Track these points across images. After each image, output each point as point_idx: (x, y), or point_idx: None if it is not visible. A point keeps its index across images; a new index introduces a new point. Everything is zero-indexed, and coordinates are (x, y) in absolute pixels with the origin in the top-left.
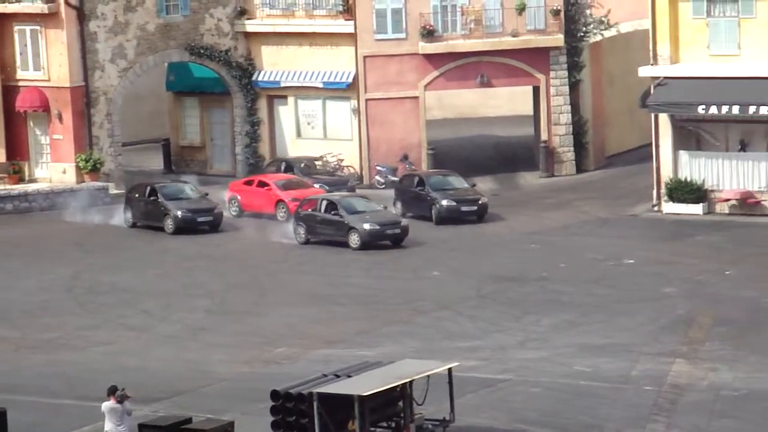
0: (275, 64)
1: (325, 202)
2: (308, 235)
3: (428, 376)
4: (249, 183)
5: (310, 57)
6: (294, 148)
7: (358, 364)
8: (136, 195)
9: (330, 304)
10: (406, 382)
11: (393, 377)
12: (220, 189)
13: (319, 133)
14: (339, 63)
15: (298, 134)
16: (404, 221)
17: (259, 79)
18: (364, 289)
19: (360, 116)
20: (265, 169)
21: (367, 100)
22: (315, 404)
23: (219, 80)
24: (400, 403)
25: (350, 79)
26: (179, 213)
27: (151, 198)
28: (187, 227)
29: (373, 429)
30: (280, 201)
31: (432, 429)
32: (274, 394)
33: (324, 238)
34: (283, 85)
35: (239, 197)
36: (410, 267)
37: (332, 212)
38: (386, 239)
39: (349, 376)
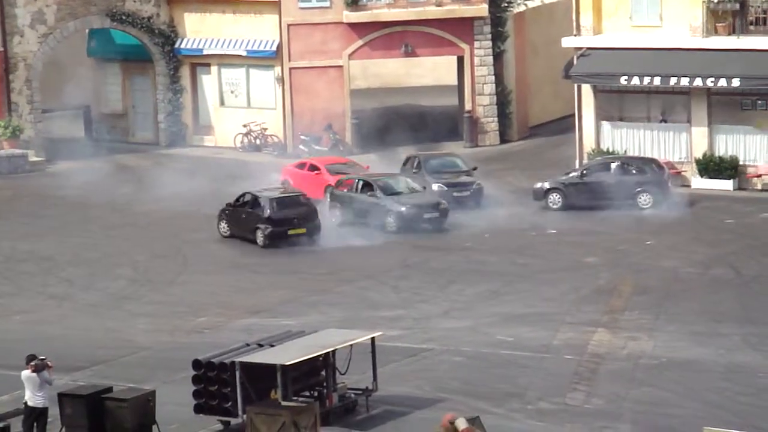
0: (198, 31)
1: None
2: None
3: (351, 345)
4: (300, 166)
5: (234, 25)
6: (217, 117)
7: (281, 333)
8: (344, 189)
9: (253, 274)
10: (328, 352)
11: (316, 347)
12: (142, 157)
13: (243, 102)
14: (263, 31)
15: (222, 102)
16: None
17: (182, 46)
18: (288, 258)
19: (284, 85)
20: (404, 166)
21: (291, 68)
22: (237, 373)
23: (141, 47)
24: (323, 373)
25: (274, 48)
26: (403, 209)
27: (368, 193)
28: (409, 225)
29: (295, 398)
30: (329, 186)
31: (355, 398)
32: (196, 364)
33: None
34: (206, 52)
35: (291, 181)
36: (335, 237)
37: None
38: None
39: (272, 346)
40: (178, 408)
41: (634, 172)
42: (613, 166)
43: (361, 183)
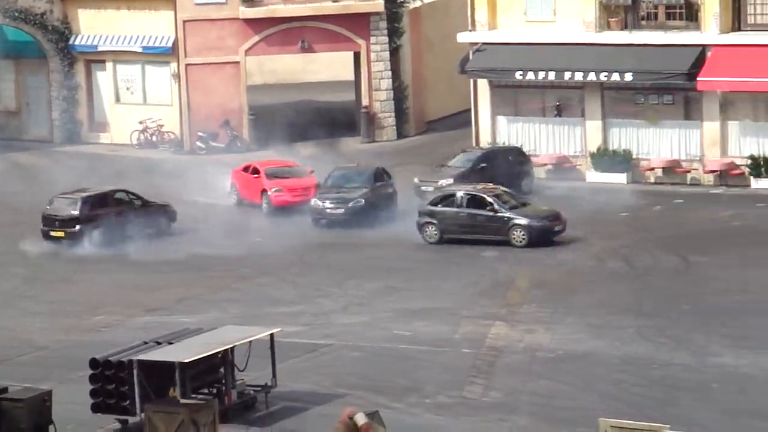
0: (93, 27)
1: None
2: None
3: (250, 342)
4: (246, 169)
5: (129, 21)
6: (113, 114)
7: (179, 331)
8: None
9: (150, 272)
10: (227, 349)
11: (214, 344)
12: (36, 155)
13: (139, 99)
14: (158, 27)
15: (117, 99)
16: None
17: (76, 43)
18: (185, 255)
19: (180, 81)
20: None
21: (187, 65)
22: (135, 372)
23: (35, 44)
24: (222, 370)
25: (170, 44)
26: (534, 222)
27: (487, 208)
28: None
29: (194, 396)
30: (264, 191)
31: (254, 395)
32: (93, 362)
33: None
34: (100, 49)
35: (237, 185)
36: (232, 233)
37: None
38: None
39: (170, 344)
40: (76, 407)
41: (512, 159)
42: (500, 155)
43: (467, 197)
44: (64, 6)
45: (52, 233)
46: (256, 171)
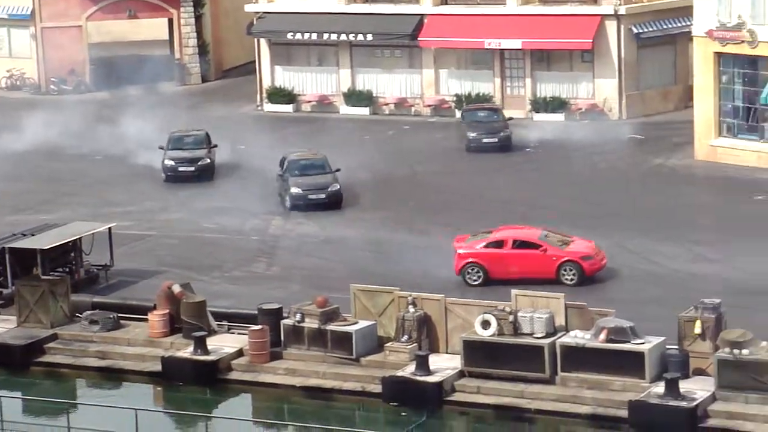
0: None
1: None
2: None
3: (93, 233)
4: (498, 245)
5: None
6: None
7: (40, 225)
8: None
9: (16, 182)
10: (77, 238)
11: (67, 234)
12: None
13: (6, 53)
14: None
15: None
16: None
17: None
18: (47, 170)
19: (37, 40)
20: (280, 167)
21: (42, 28)
22: (7, 257)
23: None
24: (73, 254)
25: (29, 12)
26: None
27: None
28: None
29: (52, 273)
30: (565, 262)
31: (96, 272)
32: None
33: None
34: None
35: (485, 265)
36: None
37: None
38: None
39: (33, 235)
40: None
41: None
42: None
43: None
44: None
45: None
46: (531, 245)
